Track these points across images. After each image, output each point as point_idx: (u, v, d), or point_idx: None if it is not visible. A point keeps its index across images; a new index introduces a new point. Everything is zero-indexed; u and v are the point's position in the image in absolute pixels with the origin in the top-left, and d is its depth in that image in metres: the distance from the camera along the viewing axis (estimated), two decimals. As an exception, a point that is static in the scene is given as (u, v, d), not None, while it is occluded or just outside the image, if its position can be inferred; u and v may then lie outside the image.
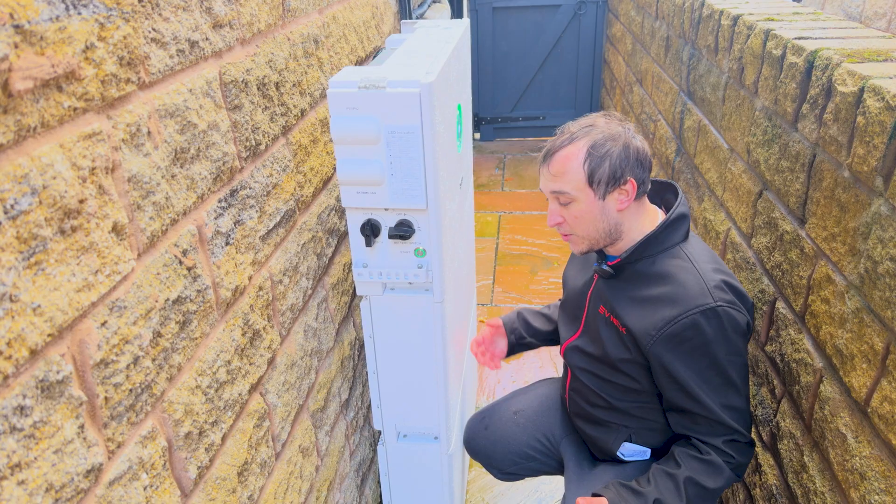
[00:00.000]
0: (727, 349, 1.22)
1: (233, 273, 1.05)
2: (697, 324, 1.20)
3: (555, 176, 1.26)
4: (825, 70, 1.27)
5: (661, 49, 2.81)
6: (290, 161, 1.30)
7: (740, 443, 1.27)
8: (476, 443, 1.73)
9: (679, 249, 1.29)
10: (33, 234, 0.61)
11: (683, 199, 1.33)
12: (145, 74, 0.80)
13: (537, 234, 3.81)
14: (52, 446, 0.64)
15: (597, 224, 1.28)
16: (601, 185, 1.24)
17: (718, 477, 1.25)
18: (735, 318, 1.22)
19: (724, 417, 1.25)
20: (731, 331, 1.22)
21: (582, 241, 1.32)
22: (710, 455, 1.26)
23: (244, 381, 1.09)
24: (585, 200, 1.26)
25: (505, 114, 5.13)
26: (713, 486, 1.25)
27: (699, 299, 1.21)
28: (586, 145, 1.24)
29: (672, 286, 1.25)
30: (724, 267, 1.31)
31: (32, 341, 0.61)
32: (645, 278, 1.30)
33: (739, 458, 1.26)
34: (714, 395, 1.25)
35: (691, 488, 1.26)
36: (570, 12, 4.74)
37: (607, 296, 1.36)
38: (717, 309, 1.20)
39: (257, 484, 1.14)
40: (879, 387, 1.05)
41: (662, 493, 1.26)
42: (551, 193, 1.29)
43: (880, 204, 1.05)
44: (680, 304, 1.22)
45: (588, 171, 1.23)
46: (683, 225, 1.31)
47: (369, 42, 1.88)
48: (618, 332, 1.33)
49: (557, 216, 1.30)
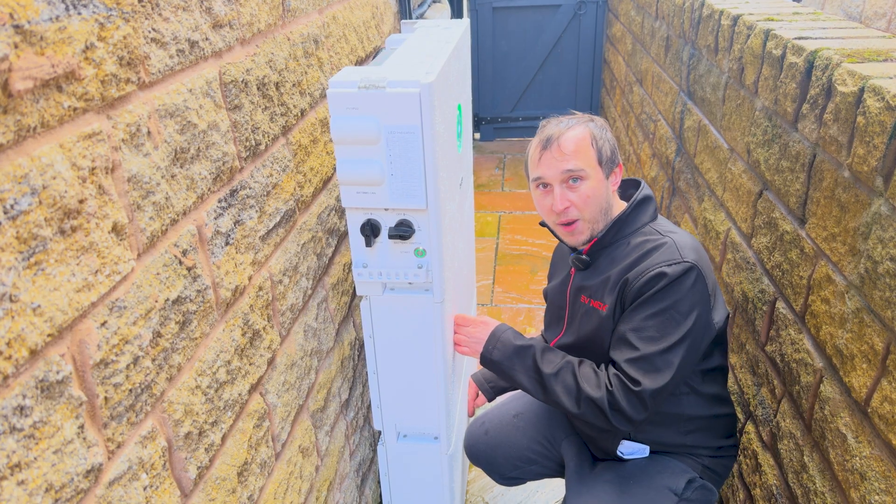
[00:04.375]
0: (676, 299, 1.23)
1: (233, 273, 1.05)
2: (662, 273, 1.24)
3: (567, 155, 1.31)
4: (825, 70, 1.27)
5: (662, 49, 2.81)
6: (290, 161, 1.30)
7: (627, 386, 1.24)
8: (477, 448, 1.73)
9: (649, 228, 1.36)
10: (33, 234, 0.61)
11: (645, 185, 1.41)
12: (145, 74, 0.80)
13: (537, 234, 3.81)
14: (51, 446, 0.64)
15: (601, 203, 1.34)
16: (606, 164, 1.34)
17: (594, 388, 1.26)
18: (699, 275, 1.25)
19: (624, 365, 1.25)
20: (691, 286, 1.23)
21: (585, 227, 1.35)
22: (602, 372, 1.29)
23: (244, 381, 1.09)
24: (596, 178, 1.33)
25: (505, 114, 5.14)
26: (583, 387, 1.27)
27: (669, 255, 1.26)
28: (588, 129, 1.34)
29: (646, 250, 1.30)
30: (694, 239, 1.34)
31: (32, 341, 0.61)
32: (620, 259, 1.34)
33: (620, 396, 1.23)
34: (637, 342, 1.24)
35: (567, 372, 1.31)
36: (570, 12, 4.74)
37: (585, 284, 1.40)
38: (684, 263, 1.24)
39: (257, 484, 1.14)
40: (879, 387, 1.05)
41: (541, 355, 1.34)
42: (564, 174, 1.31)
43: (880, 204, 1.05)
44: (650, 260, 1.27)
45: (597, 150, 1.33)
46: (650, 206, 1.39)
47: (369, 42, 1.88)
48: (598, 314, 1.35)
49: (566, 200, 1.32)
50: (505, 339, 1.41)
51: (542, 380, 1.33)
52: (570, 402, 1.29)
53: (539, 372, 1.33)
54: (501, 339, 1.41)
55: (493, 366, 1.42)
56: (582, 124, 1.34)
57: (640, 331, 1.25)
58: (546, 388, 1.32)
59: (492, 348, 1.41)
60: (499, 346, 1.40)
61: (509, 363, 1.38)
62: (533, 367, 1.35)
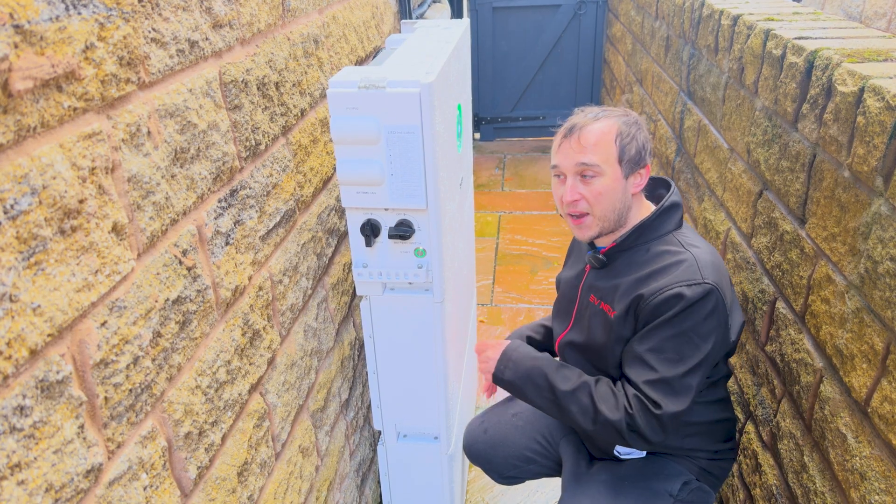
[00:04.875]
0: (694, 323, 1.21)
1: (233, 273, 1.05)
2: (681, 294, 1.21)
3: (585, 148, 1.26)
4: (825, 70, 1.27)
5: (662, 49, 2.81)
6: (289, 161, 1.30)
7: (647, 409, 1.22)
8: (475, 447, 1.73)
9: (672, 237, 1.32)
10: (33, 234, 0.61)
11: (676, 190, 1.36)
12: (145, 74, 0.80)
13: (537, 234, 3.81)
14: (51, 446, 0.64)
15: (615, 203, 1.29)
16: (627, 164, 1.28)
17: (612, 410, 1.23)
18: (717, 298, 1.22)
19: (644, 387, 1.22)
20: (711, 310, 1.21)
21: (594, 224, 1.31)
22: (620, 392, 1.25)
23: (244, 381, 1.09)
24: (612, 176, 1.27)
25: (505, 114, 5.13)
26: (600, 409, 1.23)
27: (689, 274, 1.22)
28: (617, 124, 1.28)
29: (664, 264, 1.26)
30: (716, 254, 1.31)
31: (32, 341, 0.61)
32: (637, 265, 1.31)
33: (640, 418, 1.22)
34: (656, 364, 1.22)
35: (583, 392, 1.26)
36: (570, 12, 4.74)
37: (599, 285, 1.37)
38: (704, 284, 1.21)
39: (257, 484, 1.14)
40: (879, 387, 1.05)
41: (554, 373, 1.30)
42: (578, 166, 1.27)
43: (880, 204, 1.05)
44: (669, 277, 1.24)
45: (619, 147, 1.27)
46: (676, 213, 1.34)
47: (369, 42, 1.88)
48: (606, 318, 1.33)
49: (576, 193, 1.28)
50: (517, 358, 1.37)
51: (556, 399, 1.29)
52: (585, 421, 1.26)
53: (553, 390, 1.30)
54: (513, 357, 1.38)
55: (507, 385, 1.38)
56: (612, 118, 1.29)
57: (659, 352, 1.22)
58: (560, 407, 1.29)
59: (503, 368, 1.38)
60: (510, 366, 1.37)
61: (522, 382, 1.35)
62: (547, 386, 1.31)
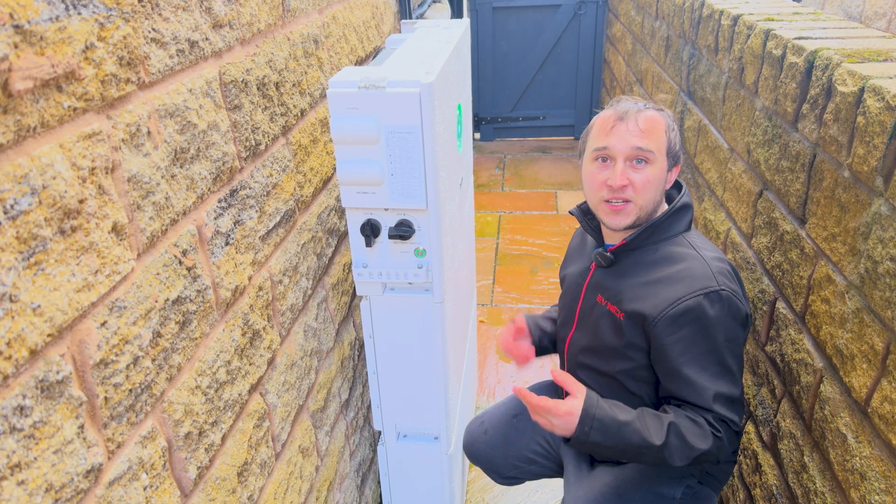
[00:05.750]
0: (727, 335, 1.21)
1: (232, 273, 1.05)
2: (701, 305, 1.20)
3: (644, 133, 1.25)
4: (825, 70, 1.27)
5: (662, 49, 2.81)
6: (289, 161, 1.30)
7: (729, 426, 1.24)
8: (476, 447, 1.72)
9: (682, 238, 1.31)
10: (33, 234, 0.61)
11: (687, 191, 1.35)
12: (145, 74, 0.80)
13: (537, 234, 3.81)
14: (51, 446, 0.64)
15: (656, 194, 1.28)
16: (672, 156, 1.29)
17: (702, 440, 1.21)
18: (737, 305, 1.22)
19: (715, 406, 1.22)
20: (733, 317, 1.21)
21: (633, 212, 1.28)
22: (700, 419, 1.23)
23: (244, 381, 1.09)
24: (660, 166, 1.27)
25: (505, 114, 5.13)
26: (693, 444, 1.21)
27: (703, 282, 1.21)
28: (664, 116, 1.29)
29: (676, 270, 1.25)
30: (725, 259, 1.31)
31: (32, 341, 0.61)
32: (646, 266, 1.30)
33: (726, 438, 1.22)
34: (709, 382, 1.22)
35: (674, 435, 1.21)
36: (570, 12, 4.74)
37: (605, 284, 1.35)
38: (721, 293, 1.20)
39: (257, 484, 1.14)
40: (880, 387, 1.05)
41: (643, 424, 1.22)
42: (634, 150, 1.25)
43: (880, 204, 1.05)
44: (684, 286, 1.22)
45: (668, 139, 1.28)
46: (687, 215, 1.33)
47: (369, 42, 1.88)
48: (615, 320, 1.32)
49: (625, 178, 1.25)
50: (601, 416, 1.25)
51: (653, 453, 1.23)
52: (681, 461, 1.23)
53: (651, 448, 1.22)
54: (598, 416, 1.25)
55: (592, 447, 1.28)
56: (658, 111, 1.29)
57: (706, 368, 1.21)
58: (657, 458, 1.24)
59: (588, 429, 1.25)
60: (596, 426, 1.25)
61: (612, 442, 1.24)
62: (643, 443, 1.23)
